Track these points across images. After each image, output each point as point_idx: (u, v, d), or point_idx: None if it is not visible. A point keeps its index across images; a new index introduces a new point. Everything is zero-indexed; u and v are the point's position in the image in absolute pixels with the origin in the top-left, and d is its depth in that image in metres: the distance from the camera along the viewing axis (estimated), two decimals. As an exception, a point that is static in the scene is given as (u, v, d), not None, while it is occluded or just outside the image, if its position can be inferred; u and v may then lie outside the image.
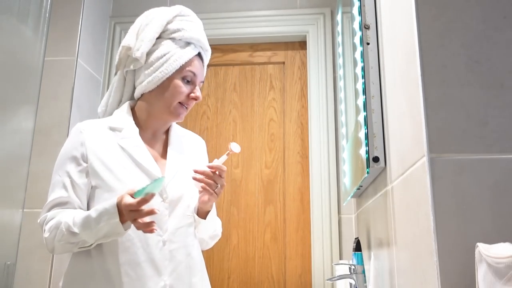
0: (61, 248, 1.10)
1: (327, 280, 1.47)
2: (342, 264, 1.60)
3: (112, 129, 1.20)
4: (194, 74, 1.22)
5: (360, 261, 1.43)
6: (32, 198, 1.85)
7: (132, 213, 0.99)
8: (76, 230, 1.05)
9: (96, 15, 2.19)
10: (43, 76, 1.98)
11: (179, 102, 1.22)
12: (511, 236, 0.73)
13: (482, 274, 0.63)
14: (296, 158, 2.15)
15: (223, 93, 2.26)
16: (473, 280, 0.68)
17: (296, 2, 2.26)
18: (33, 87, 1.95)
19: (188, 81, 1.22)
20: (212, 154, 1.61)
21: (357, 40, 1.35)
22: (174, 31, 1.22)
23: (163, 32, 1.23)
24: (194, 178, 1.13)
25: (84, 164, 1.15)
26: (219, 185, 1.15)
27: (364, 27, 1.28)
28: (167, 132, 1.30)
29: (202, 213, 1.22)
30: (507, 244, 0.61)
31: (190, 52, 1.22)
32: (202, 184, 1.14)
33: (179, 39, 1.22)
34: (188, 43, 1.23)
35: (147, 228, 1.00)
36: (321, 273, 1.96)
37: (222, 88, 2.27)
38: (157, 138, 1.26)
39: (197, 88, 1.24)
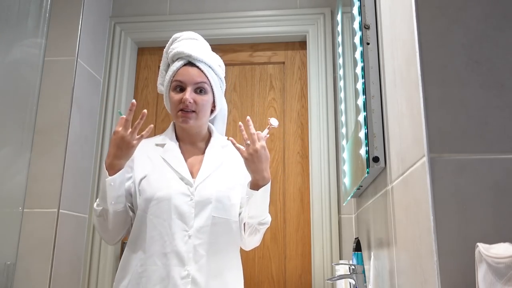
0: (98, 224, 1.32)
1: (327, 280, 1.47)
2: (342, 264, 1.60)
3: (157, 145, 1.42)
4: (180, 81, 1.36)
5: (360, 261, 1.43)
6: (32, 198, 1.85)
7: (116, 134, 1.22)
8: (97, 201, 1.29)
9: (96, 15, 2.19)
10: (43, 76, 1.98)
11: (180, 110, 1.35)
12: (511, 236, 0.73)
13: (482, 274, 0.63)
14: (296, 158, 2.15)
15: (223, 93, 2.26)
16: (473, 280, 0.68)
17: (296, 2, 2.26)
18: (33, 87, 1.95)
19: (180, 89, 1.37)
20: (212, 154, 1.61)
21: (357, 40, 1.35)
22: (168, 57, 1.42)
23: (168, 62, 1.44)
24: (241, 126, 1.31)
25: (130, 171, 1.37)
26: (257, 147, 1.27)
27: (364, 27, 1.28)
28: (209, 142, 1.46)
29: (254, 186, 1.31)
30: (507, 244, 0.61)
31: (176, 65, 1.38)
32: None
33: (171, 62, 1.41)
34: (175, 60, 1.40)
35: (135, 130, 1.22)
36: (321, 273, 1.96)
37: (222, 88, 2.27)
38: (196, 148, 1.43)
39: (187, 91, 1.34)
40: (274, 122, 1.35)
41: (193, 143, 1.43)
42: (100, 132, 2.18)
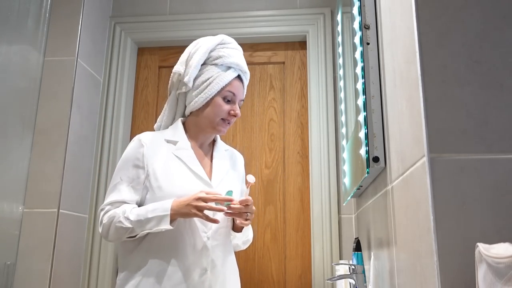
0: (114, 234, 1.28)
1: (327, 280, 1.47)
2: (342, 264, 1.60)
3: (168, 141, 1.40)
4: (234, 94, 1.40)
5: (360, 261, 1.43)
6: (32, 198, 1.85)
7: (201, 202, 1.23)
8: (130, 217, 1.25)
9: (96, 15, 2.19)
10: (43, 76, 1.98)
11: (222, 119, 1.39)
12: (511, 236, 0.73)
13: (482, 274, 0.63)
14: (296, 158, 2.15)
15: (223, 93, 2.26)
16: (473, 280, 0.68)
17: (296, 2, 2.26)
18: (33, 88, 1.95)
19: (228, 100, 1.40)
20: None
21: (357, 40, 1.35)
22: (216, 58, 1.40)
23: (207, 59, 1.41)
24: (227, 214, 1.30)
25: (143, 172, 1.33)
26: (249, 214, 1.32)
27: (364, 27, 1.28)
28: (212, 144, 1.49)
29: (237, 228, 1.41)
30: (507, 244, 0.61)
31: (230, 75, 1.40)
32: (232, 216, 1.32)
33: (221, 64, 1.40)
34: (228, 67, 1.40)
35: (211, 219, 1.25)
36: (321, 273, 1.96)
37: (222, 88, 2.27)
38: (203, 149, 1.46)
39: (237, 105, 1.42)
40: (251, 179, 1.35)
41: (202, 145, 1.45)
42: (100, 132, 2.18)
